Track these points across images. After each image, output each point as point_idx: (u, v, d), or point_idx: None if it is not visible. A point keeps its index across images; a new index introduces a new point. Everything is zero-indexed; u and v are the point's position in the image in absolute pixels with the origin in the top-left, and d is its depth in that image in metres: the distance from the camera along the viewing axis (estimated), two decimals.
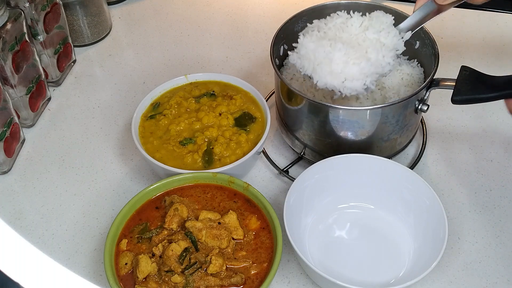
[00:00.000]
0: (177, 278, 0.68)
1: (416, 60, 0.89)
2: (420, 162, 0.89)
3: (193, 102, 0.89)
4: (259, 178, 0.89)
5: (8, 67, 0.88)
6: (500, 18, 1.16)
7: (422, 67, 0.88)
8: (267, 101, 0.95)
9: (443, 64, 0.83)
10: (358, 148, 0.81)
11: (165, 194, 0.79)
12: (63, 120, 1.00)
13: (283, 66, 0.91)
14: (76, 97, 1.05)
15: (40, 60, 0.98)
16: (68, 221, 0.84)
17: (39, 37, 0.98)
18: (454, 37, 1.12)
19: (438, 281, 0.75)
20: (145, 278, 0.69)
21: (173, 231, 0.73)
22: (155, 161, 0.80)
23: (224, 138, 0.84)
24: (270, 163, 0.90)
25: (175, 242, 0.71)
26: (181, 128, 0.86)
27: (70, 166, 0.92)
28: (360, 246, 0.77)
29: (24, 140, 0.96)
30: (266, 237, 0.74)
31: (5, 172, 0.91)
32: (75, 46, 1.12)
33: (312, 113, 0.80)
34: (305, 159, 0.88)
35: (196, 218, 0.74)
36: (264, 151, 0.91)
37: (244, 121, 0.87)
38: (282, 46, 0.90)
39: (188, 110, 0.89)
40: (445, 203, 0.81)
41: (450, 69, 0.90)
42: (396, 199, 0.79)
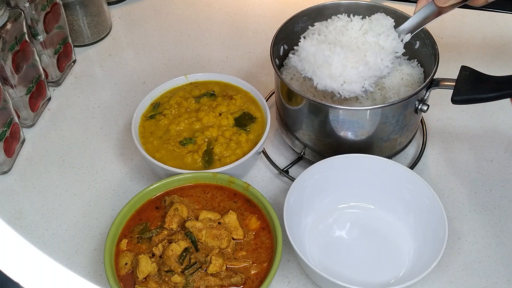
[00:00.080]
0: (177, 278, 0.68)
1: (416, 60, 0.89)
2: (420, 162, 0.89)
3: (193, 102, 0.89)
4: (259, 178, 0.89)
5: (8, 67, 0.88)
6: (500, 18, 1.16)
7: (422, 67, 0.88)
8: (267, 101, 0.95)
9: (443, 64, 0.83)
10: (358, 148, 0.81)
11: (165, 194, 0.79)
12: (63, 120, 1.00)
13: (283, 66, 0.91)
14: (76, 97, 1.05)
15: (40, 60, 0.98)
16: (68, 221, 0.84)
17: (39, 37, 0.98)
18: (454, 37, 1.12)
19: (438, 281, 0.75)
20: (145, 278, 0.69)
21: (173, 231, 0.73)
22: (155, 161, 0.80)
23: (224, 138, 0.84)
24: (270, 163, 0.90)
25: (175, 242, 0.71)
26: (181, 128, 0.86)
27: (70, 166, 0.92)
28: (360, 246, 0.77)
29: (24, 140, 0.96)
30: (266, 237, 0.74)
31: (5, 172, 0.91)
32: (75, 46, 1.11)
33: (312, 113, 0.80)
34: (305, 159, 0.88)
35: (196, 218, 0.74)
36: (264, 151, 0.91)
37: (244, 121, 0.87)
38: (282, 46, 0.90)
39: (188, 110, 0.89)
40: (445, 203, 0.80)
41: (450, 69, 0.90)
42: (396, 199, 0.79)
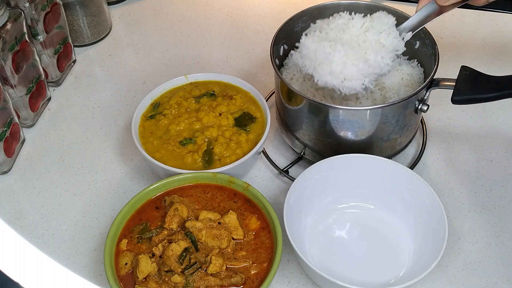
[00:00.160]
0: (177, 278, 0.68)
1: (416, 60, 0.89)
2: (420, 162, 0.89)
3: (193, 102, 0.89)
4: (259, 178, 0.89)
5: (8, 67, 0.88)
6: (500, 18, 1.16)
7: (422, 67, 0.88)
8: (267, 101, 0.95)
9: (443, 64, 0.83)
10: (358, 148, 0.81)
11: (165, 194, 0.79)
12: (63, 120, 1.00)
13: (283, 66, 0.91)
14: (76, 97, 1.05)
15: (40, 60, 0.98)
16: (68, 221, 0.84)
17: (39, 37, 0.98)
18: (454, 37, 1.12)
19: (438, 281, 0.75)
20: (145, 278, 0.69)
21: (173, 231, 0.73)
22: (155, 161, 0.80)
23: (224, 138, 0.84)
24: (270, 163, 0.90)
25: (175, 242, 0.71)
26: (181, 128, 0.86)
27: (70, 166, 0.92)
28: (360, 246, 0.77)
29: (24, 140, 0.96)
30: (266, 237, 0.74)
31: (5, 172, 0.91)
32: (75, 46, 1.11)
33: (312, 113, 0.80)
34: (305, 159, 0.88)
35: (196, 218, 0.74)
36: (264, 151, 0.91)
37: (244, 121, 0.87)
38: (282, 46, 0.90)
39: (188, 110, 0.89)
40: (445, 203, 0.80)
41: (450, 69, 0.90)
42: (396, 199, 0.79)
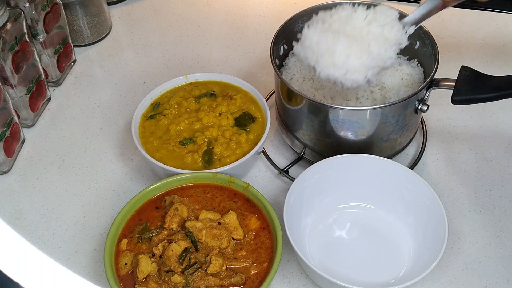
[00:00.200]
0: (177, 278, 0.68)
1: (416, 60, 0.89)
2: (420, 162, 0.89)
3: (193, 102, 0.89)
4: (259, 178, 0.89)
5: (8, 67, 0.88)
6: (500, 18, 1.16)
7: (422, 67, 0.88)
8: (267, 101, 0.95)
9: (443, 64, 0.83)
10: (358, 148, 0.81)
11: (165, 194, 0.79)
12: (63, 120, 1.00)
13: (283, 66, 0.91)
14: (76, 97, 1.05)
15: (40, 60, 0.98)
16: (68, 221, 0.84)
17: (39, 37, 0.98)
18: (454, 37, 1.12)
19: (438, 281, 0.75)
20: (145, 278, 0.69)
21: (173, 231, 0.73)
22: (155, 161, 0.80)
23: (224, 138, 0.84)
24: (270, 163, 0.90)
25: (175, 242, 0.71)
26: (181, 128, 0.86)
27: (70, 166, 0.92)
28: (360, 246, 0.77)
29: (24, 140, 0.96)
30: (266, 237, 0.74)
31: (5, 172, 0.91)
32: (75, 46, 1.11)
33: (312, 113, 0.80)
34: (305, 159, 0.88)
35: (196, 218, 0.74)
36: (264, 151, 0.91)
37: (244, 121, 0.87)
38: (282, 46, 0.90)
39: (188, 110, 0.89)
40: (445, 203, 0.80)
41: (450, 69, 0.90)
42: (396, 199, 0.79)
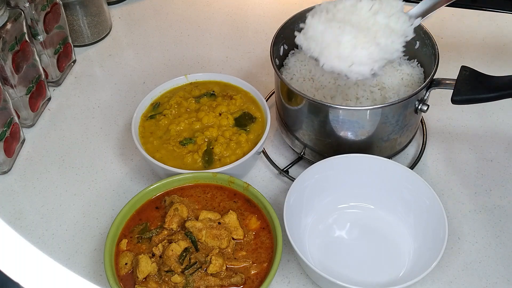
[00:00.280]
0: (177, 278, 0.68)
1: (416, 60, 0.89)
2: (420, 162, 0.89)
3: (193, 102, 0.89)
4: (259, 178, 0.89)
5: (8, 67, 0.88)
6: (500, 18, 1.16)
7: (422, 67, 0.88)
8: (267, 101, 0.95)
9: (443, 64, 0.83)
10: (358, 148, 0.81)
11: (165, 194, 0.79)
12: (63, 120, 1.00)
13: (283, 66, 0.91)
14: (76, 97, 1.05)
15: (40, 60, 0.98)
16: (68, 221, 0.84)
17: (39, 37, 0.98)
18: (454, 37, 1.12)
19: (438, 281, 0.75)
20: (145, 278, 0.69)
21: (173, 231, 0.73)
22: (155, 161, 0.80)
23: (224, 138, 0.84)
24: (270, 163, 0.90)
25: (175, 242, 0.71)
26: (181, 128, 0.86)
27: (70, 166, 0.92)
28: (360, 246, 0.77)
29: (24, 140, 0.96)
30: (266, 237, 0.74)
31: (5, 172, 0.91)
32: (75, 46, 1.12)
33: (312, 113, 0.80)
34: (305, 159, 0.88)
35: (196, 218, 0.74)
36: (264, 151, 0.91)
37: (244, 121, 0.87)
38: (282, 46, 0.90)
39: (188, 110, 0.89)
40: (445, 203, 0.81)
41: (450, 69, 0.90)
42: (396, 199, 0.79)
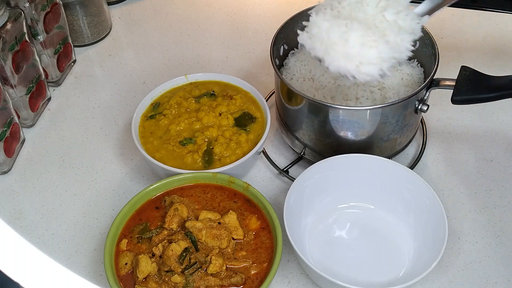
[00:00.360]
0: (177, 278, 0.68)
1: (416, 60, 0.89)
2: (420, 162, 0.89)
3: (193, 102, 0.89)
4: (259, 178, 0.89)
5: (8, 67, 0.88)
6: (500, 18, 1.16)
7: (422, 67, 0.88)
8: (267, 101, 0.95)
9: (443, 64, 0.83)
10: (358, 148, 0.81)
11: (165, 194, 0.79)
12: (63, 120, 1.00)
13: (283, 66, 0.91)
14: (76, 97, 1.05)
15: (40, 60, 0.98)
16: (68, 221, 0.84)
17: (39, 37, 0.98)
18: (454, 37, 1.12)
19: (438, 281, 0.75)
20: (145, 278, 0.69)
21: (173, 231, 0.73)
22: (155, 161, 0.80)
23: (224, 138, 0.84)
24: (270, 163, 0.90)
25: (175, 242, 0.71)
26: (181, 128, 0.86)
27: (70, 166, 0.92)
28: (360, 246, 0.77)
29: (24, 140, 0.96)
30: (266, 237, 0.74)
31: (5, 172, 0.91)
32: (75, 46, 1.11)
33: (312, 113, 0.80)
34: (305, 159, 0.88)
35: (196, 218, 0.74)
36: (264, 151, 0.91)
37: (244, 121, 0.87)
38: (282, 46, 0.90)
39: (188, 110, 0.89)
40: (445, 203, 0.80)
41: (450, 69, 0.90)
42: (396, 199, 0.79)
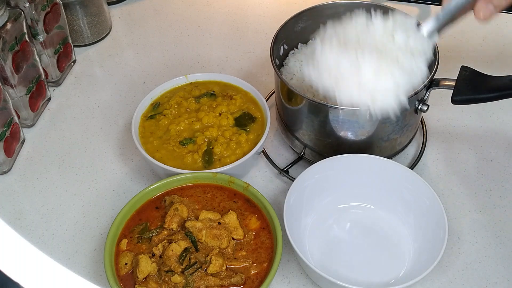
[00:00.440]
0: (177, 278, 0.68)
1: None
2: (420, 162, 0.89)
3: (193, 102, 0.89)
4: (259, 178, 0.89)
5: (8, 67, 0.88)
6: (500, 18, 1.16)
7: None
8: (267, 101, 0.95)
9: (443, 64, 0.83)
10: (358, 148, 0.81)
11: (165, 194, 0.79)
12: (63, 120, 1.00)
13: (283, 66, 0.91)
14: (76, 97, 1.05)
15: (40, 60, 0.98)
16: (68, 221, 0.84)
17: (39, 37, 0.98)
18: (454, 37, 1.12)
19: (438, 281, 0.75)
20: (145, 278, 0.69)
21: (173, 231, 0.73)
22: (155, 161, 0.80)
23: (224, 138, 0.84)
24: (270, 163, 0.90)
25: (175, 242, 0.71)
26: (181, 128, 0.86)
27: (70, 166, 0.92)
28: (360, 246, 0.77)
29: (24, 140, 0.96)
30: (266, 237, 0.74)
31: (5, 172, 0.91)
32: (75, 46, 1.11)
33: (312, 113, 0.80)
34: (305, 159, 0.88)
35: (196, 218, 0.74)
36: (264, 151, 0.91)
37: (244, 121, 0.87)
38: (282, 46, 0.90)
39: (188, 110, 0.89)
40: (445, 203, 0.80)
41: (450, 69, 0.90)
42: (396, 199, 0.79)
